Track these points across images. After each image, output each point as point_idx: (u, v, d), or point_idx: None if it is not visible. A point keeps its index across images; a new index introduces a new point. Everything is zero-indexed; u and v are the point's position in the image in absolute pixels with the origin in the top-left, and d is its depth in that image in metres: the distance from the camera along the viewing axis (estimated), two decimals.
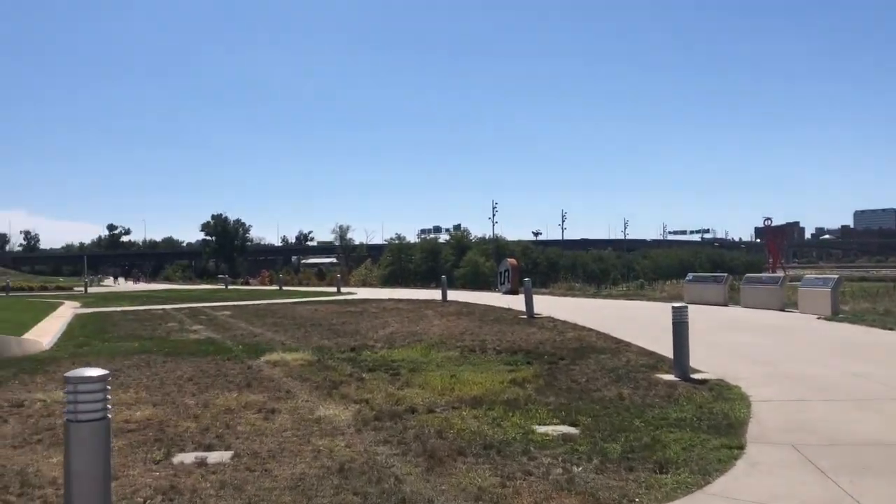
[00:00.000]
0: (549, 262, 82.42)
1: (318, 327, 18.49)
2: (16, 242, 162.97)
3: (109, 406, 3.71)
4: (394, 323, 19.26)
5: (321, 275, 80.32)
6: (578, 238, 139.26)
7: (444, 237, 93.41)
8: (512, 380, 9.77)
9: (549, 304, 23.32)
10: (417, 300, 28.53)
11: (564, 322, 17.46)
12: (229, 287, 55.36)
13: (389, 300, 28.83)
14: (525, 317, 18.99)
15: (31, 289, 51.75)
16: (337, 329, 17.93)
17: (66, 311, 27.84)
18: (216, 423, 7.39)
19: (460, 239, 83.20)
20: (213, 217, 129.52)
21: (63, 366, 11.41)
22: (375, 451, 6.26)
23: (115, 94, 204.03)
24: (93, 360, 12.25)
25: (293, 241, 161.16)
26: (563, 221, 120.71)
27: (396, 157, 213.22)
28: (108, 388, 3.70)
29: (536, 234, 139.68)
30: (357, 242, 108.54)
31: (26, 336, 16.41)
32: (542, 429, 7.00)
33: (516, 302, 23.20)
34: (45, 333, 18.41)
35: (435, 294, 32.66)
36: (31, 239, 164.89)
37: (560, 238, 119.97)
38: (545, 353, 12.46)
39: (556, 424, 7.20)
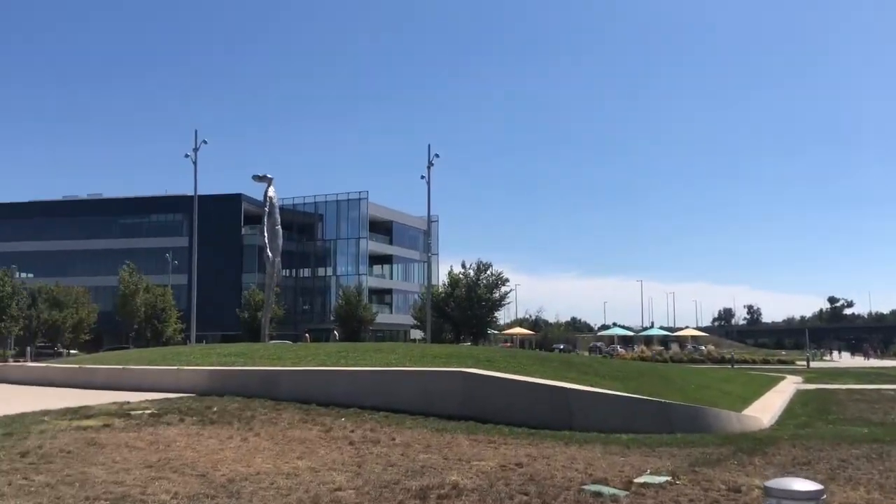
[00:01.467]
0: None
1: None
2: (740, 316, 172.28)
3: None
4: None
5: None
6: None
7: None
8: None
9: None
10: None
11: None
12: None
13: None
14: None
15: (753, 361, 53.16)
16: None
17: (788, 387, 27.29)
18: None
19: None
20: None
21: (782, 449, 10.66)
22: None
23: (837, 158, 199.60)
24: (814, 444, 11.17)
25: None
26: None
27: None
28: None
29: None
30: None
31: (746, 412, 16.29)
32: None
33: None
34: (766, 409, 18.08)
35: None
36: (753, 312, 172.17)
37: None
38: None
39: None
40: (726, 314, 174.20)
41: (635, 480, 7.79)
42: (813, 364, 52.38)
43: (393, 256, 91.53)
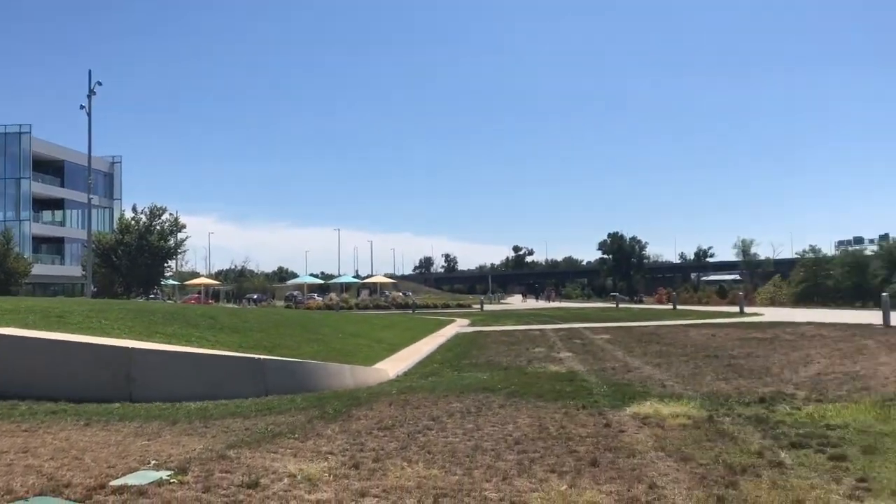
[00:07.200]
0: None
1: (712, 360, 14.34)
2: (438, 264, 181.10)
3: None
4: (819, 357, 14.26)
5: (722, 292, 73.58)
6: None
7: (870, 248, 78.87)
8: None
9: None
10: (844, 324, 22.43)
11: None
12: (620, 306, 52.56)
13: (807, 324, 23.04)
14: None
15: (434, 306, 54.62)
16: (738, 364, 13.58)
17: (450, 331, 27.25)
18: None
19: (893, 250, 69.39)
20: (609, 235, 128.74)
21: (377, 408, 9.17)
22: None
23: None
24: (418, 399, 9.86)
25: (691, 257, 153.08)
26: None
27: (807, 158, 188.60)
28: None
29: None
30: (762, 257, 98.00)
31: (383, 363, 15.05)
32: None
33: None
34: (407, 358, 17.11)
35: (867, 316, 26.00)
36: (450, 261, 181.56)
37: None
38: None
39: None
40: (426, 263, 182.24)
41: (112, 483, 5.51)
42: (489, 307, 54.91)
43: (65, 200, 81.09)
